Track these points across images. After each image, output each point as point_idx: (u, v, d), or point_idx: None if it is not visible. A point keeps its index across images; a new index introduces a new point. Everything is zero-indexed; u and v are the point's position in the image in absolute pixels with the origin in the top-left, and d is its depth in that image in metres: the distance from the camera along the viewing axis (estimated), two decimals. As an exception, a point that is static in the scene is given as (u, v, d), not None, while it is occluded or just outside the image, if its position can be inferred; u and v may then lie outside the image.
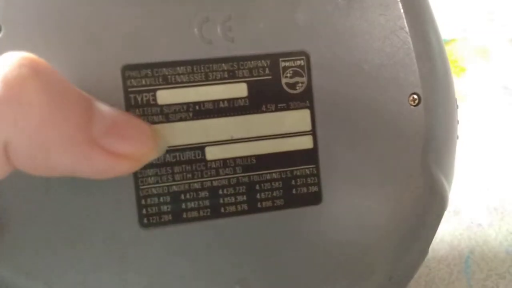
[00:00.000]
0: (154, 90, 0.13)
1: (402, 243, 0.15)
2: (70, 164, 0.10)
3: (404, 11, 0.15)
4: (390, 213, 0.14)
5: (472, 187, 0.23)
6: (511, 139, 0.25)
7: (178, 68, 0.13)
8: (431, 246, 0.16)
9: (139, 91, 0.13)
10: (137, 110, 0.13)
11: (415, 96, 0.15)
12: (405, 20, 0.15)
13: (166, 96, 0.13)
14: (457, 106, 0.17)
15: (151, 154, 0.12)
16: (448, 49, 0.28)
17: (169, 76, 0.13)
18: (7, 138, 0.10)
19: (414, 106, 0.15)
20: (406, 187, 0.14)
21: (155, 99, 0.13)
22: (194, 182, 0.13)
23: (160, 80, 0.13)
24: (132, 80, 0.13)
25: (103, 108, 0.11)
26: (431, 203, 0.15)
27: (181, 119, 0.13)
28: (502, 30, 0.29)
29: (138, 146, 0.11)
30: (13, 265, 0.12)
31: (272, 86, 0.14)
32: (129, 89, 0.13)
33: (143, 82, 0.13)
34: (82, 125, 0.10)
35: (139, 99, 0.13)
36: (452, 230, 0.21)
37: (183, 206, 0.13)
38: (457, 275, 0.20)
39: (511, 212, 0.22)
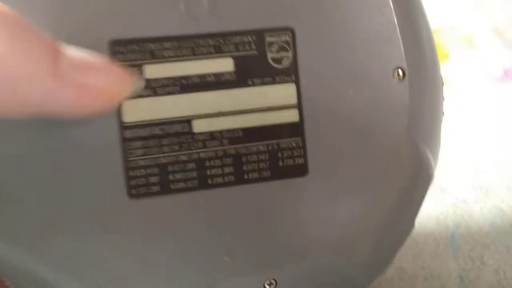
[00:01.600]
0: (141, 65, 0.13)
1: (388, 214, 0.15)
2: (38, 100, 0.10)
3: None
4: (377, 184, 0.14)
5: (457, 166, 0.23)
6: (495, 121, 0.25)
7: (165, 43, 0.13)
8: (417, 222, 0.16)
9: (126, 65, 0.12)
10: (125, 84, 0.13)
11: (400, 71, 0.14)
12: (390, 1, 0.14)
13: (153, 71, 0.13)
14: (443, 83, 0.16)
15: (123, 89, 0.11)
16: (435, 36, 0.28)
17: (156, 51, 0.13)
18: None
19: (399, 80, 0.14)
20: (392, 159, 0.14)
21: (142, 73, 0.13)
22: (182, 154, 0.13)
23: (147, 55, 0.13)
24: (120, 55, 0.12)
25: (72, 48, 0.10)
26: (417, 176, 0.15)
27: (168, 93, 0.13)
28: (487, 19, 0.28)
29: (107, 79, 0.11)
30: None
31: (258, 60, 0.13)
32: (117, 64, 0.12)
33: (131, 57, 0.12)
34: (47, 58, 0.10)
35: (127, 73, 0.13)
36: (438, 207, 0.21)
37: (171, 177, 0.13)
38: (443, 248, 0.19)
39: (496, 189, 0.21)
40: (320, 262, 0.14)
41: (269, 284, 0.14)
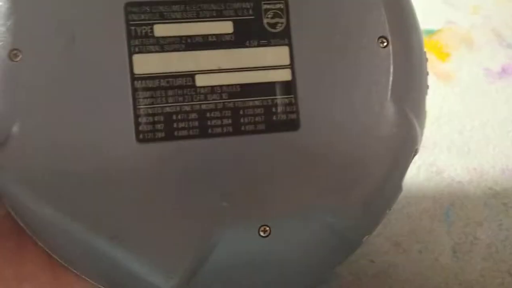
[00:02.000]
0: (152, 24, 0.14)
1: (376, 171, 0.15)
2: None
3: None
4: (363, 140, 0.15)
5: (454, 150, 0.23)
6: (492, 112, 0.25)
7: (173, 6, 0.14)
8: (413, 200, 0.17)
9: (139, 24, 0.14)
10: (136, 40, 0.14)
11: (384, 40, 0.15)
12: None
13: (161, 30, 0.14)
14: (427, 59, 0.17)
15: None
16: (435, 38, 0.29)
17: (165, 13, 0.14)
18: None
19: (383, 47, 0.15)
20: (378, 117, 0.15)
21: (152, 32, 0.14)
22: (185, 105, 0.14)
23: (157, 16, 0.14)
24: (133, 15, 0.14)
25: None
26: (401, 137, 0.15)
27: (174, 50, 0.14)
28: (486, 20, 0.30)
29: None
30: (15, 172, 0.13)
31: (255, 24, 0.15)
32: (130, 23, 0.14)
33: (142, 17, 0.14)
34: None
35: (138, 31, 0.14)
36: (433, 187, 0.21)
37: (175, 125, 0.14)
38: (437, 224, 0.20)
39: (489, 172, 0.22)
40: (312, 213, 0.15)
41: (264, 231, 0.14)
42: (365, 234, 0.16)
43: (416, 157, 0.16)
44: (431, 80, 0.16)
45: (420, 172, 0.22)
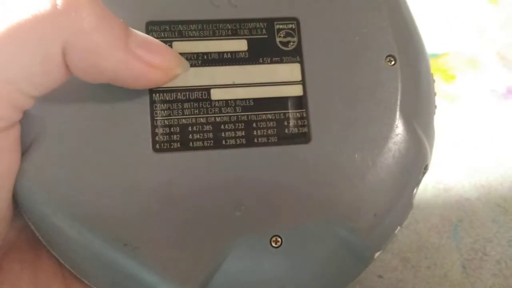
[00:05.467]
0: (171, 41, 0.15)
1: (386, 186, 0.15)
2: (112, 68, 0.12)
3: None
4: (373, 155, 0.15)
5: (461, 168, 0.23)
6: (498, 132, 0.25)
7: (191, 25, 0.15)
8: (421, 216, 0.16)
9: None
10: (156, 56, 0.15)
11: (391, 58, 0.16)
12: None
13: (180, 47, 0.15)
14: (434, 80, 0.17)
15: (176, 68, 0.13)
16: (441, 61, 0.29)
17: (183, 31, 0.15)
18: (65, 42, 0.11)
19: (391, 65, 0.16)
20: (388, 132, 0.15)
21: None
22: (200, 117, 0.14)
23: (176, 34, 0.15)
24: (154, 33, 0.14)
25: (136, 30, 0.13)
26: (411, 153, 0.15)
27: (191, 65, 0.14)
28: (490, 44, 0.30)
29: (166, 58, 0.13)
30: (35, 182, 0.13)
31: (268, 43, 0.15)
32: (151, 40, 0.15)
33: (162, 35, 0.15)
34: (122, 36, 0.12)
35: (158, 47, 0.15)
36: (442, 204, 0.21)
37: (190, 136, 0.14)
38: (446, 240, 0.19)
39: (498, 189, 0.22)
40: (323, 226, 0.14)
41: (275, 242, 0.14)
42: (377, 250, 0.15)
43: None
44: (437, 101, 0.17)
45: (427, 189, 0.22)
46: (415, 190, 0.16)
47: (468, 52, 0.29)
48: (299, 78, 0.15)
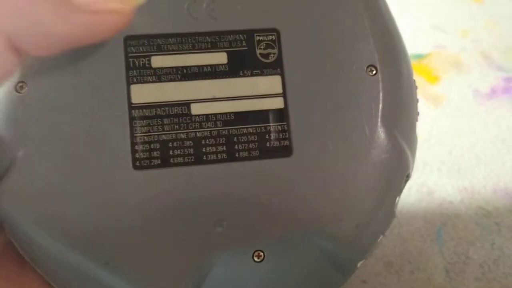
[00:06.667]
0: (149, 56, 0.14)
1: (368, 196, 0.15)
2: (66, 33, 0.11)
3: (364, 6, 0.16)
4: (355, 165, 0.15)
5: (444, 171, 0.23)
6: (479, 130, 0.25)
7: (169, 39, 0.14)
8: (404, 220, 0.16)
9: (137, 56, 0.14)
10: (135, 71, 0.14)
11: (372, 68, 0.15)
12: (361, 7, 0.16)
13: (159, 61, 0.14)
14: (416, 87, 0.17)
15: (131, 1, 0.12)
16: (424, 62, 0.29)
17: (162, 45, 0.14)
18: (7, 28, 0.11)
19: (372, 75, 0.15)
20: (370, 143, 0.15)
21: (150, 63, 0.14)
22: (181, 133, 0.14)
23: (155, 48, 0.14)
24: (132, 48, 0.14)
25: None
26: (392, 162, 0.15)
27: (171, 80, 0.14)
28: (475, 44, 0.30)
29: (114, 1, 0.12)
30: (15, 199, 0.13)
31: (248, 55, 0.15)
32: (129, 55, 0.14)
33: (141, 49, 0.14)
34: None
35: (137, 62, 0.14)
36: (425, 207, 0.21)
37: (171, 152, 0.14)
38: (429, 244, 0.19)
39: (481, 191, 0.22)
40: (305, 238, 0.14)
41: (258, 256, 0.14)
42: (359, 260, 0.15)
43: (407, 178, 0.16)
44: (421, 102, 0.16)
45: (411, 193, 0.22)
46: (397, 199, 0.16)
47: (452, 53, 0.29)
48: (280, 90, 0.15)
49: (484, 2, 0.30)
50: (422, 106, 0.25)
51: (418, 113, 0.17)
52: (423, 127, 0.24)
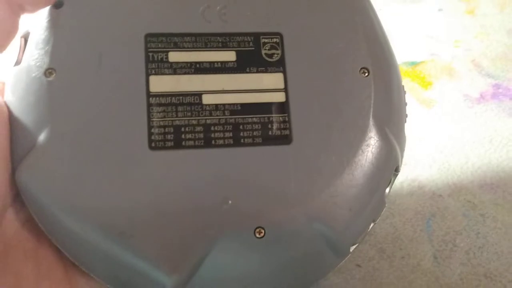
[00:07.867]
0: (167, 51, 0.16)
1: (360, 183, 0.16)
2: None
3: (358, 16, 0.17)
4: (349, 157, 0.16)
5: (435, 167, 0.24)
6: (468, 131, 0.26)
7: (185, 37, 0.16)
8: (396, 212, 0.17)
9: (156, 51, 0.16)
10: (153, 64, 0.16)
11: (365, 70, 0.17)
12: (355, 17, 0.17)
13: (175, 56, 0.16)
14: (405, 91, 0.18)
15: None
16: (419, 68, 0.30)
17: (178, 43, 0.16)
18: None
19: (365, 77, 0.17)
20: (361, 136, 0.16)
21: (167, 58, 0.16)
22: (192, 119, 0.16)
23: (172, 45, 0.16)
24: (152, 44, 0.16)
25: None
26: (382, 154, 0.16)
27: (185, 73, 0.16)
28: (466, 52, 0.31)
29: None
30: (37, 173, 0.14)
31: (254, 55, 0.16)
32: (149, 50, 0.16)
33: (159, 45, 0.16)
34: None
35: (156, 56, 0.16)
36: (416, 200, 0.22)
37: (183, 136, 0.15)
38: (419, 233, 0.21)
39: (468, 186, 0.23)
40: (302, 217, 0.15)
41: (259, 233, 0.15)
42: (352, 244, 0.16)
43: (400, 173, 0.17)
44: (415, 106, 0.18)
45: (403, 187, 0.23)
46: (387, 190, 0.17)
47: (445, 60, 0.30)
48: (282, 86, 0.16)
49: (476, 14, 0.32)
50: (416, 108, 0.27)
51: (406, 115, 0.18)
52: (416, 128, 0.26)
